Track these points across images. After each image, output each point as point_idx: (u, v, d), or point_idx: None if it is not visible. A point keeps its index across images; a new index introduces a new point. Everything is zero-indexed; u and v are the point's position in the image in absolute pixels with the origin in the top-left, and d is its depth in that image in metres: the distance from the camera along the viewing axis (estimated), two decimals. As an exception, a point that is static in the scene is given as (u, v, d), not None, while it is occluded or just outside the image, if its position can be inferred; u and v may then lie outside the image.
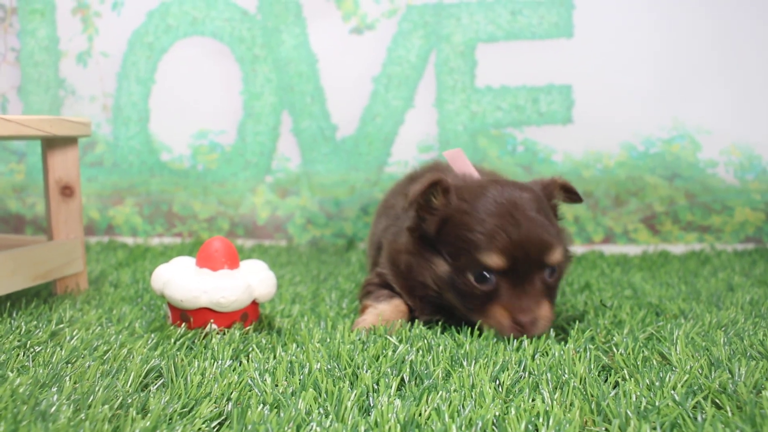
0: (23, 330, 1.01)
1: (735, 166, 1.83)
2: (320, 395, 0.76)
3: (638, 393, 0.76)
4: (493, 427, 0.69)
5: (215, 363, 0.87)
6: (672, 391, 0.75)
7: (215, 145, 1.96)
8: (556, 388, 0.78)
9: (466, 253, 0.99)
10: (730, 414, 0.71)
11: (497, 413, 0.71)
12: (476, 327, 1.00)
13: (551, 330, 1.01)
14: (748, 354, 0.89)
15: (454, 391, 0.77)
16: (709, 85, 1.81)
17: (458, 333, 1.01)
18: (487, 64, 1.85)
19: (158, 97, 1.96)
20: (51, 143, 1.27)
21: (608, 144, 1.85)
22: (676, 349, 0.90)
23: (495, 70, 1.85)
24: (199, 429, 0.70)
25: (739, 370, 0.81)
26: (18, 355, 0.90)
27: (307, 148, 1.93)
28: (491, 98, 1.85)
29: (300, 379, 0.81)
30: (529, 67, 1.84)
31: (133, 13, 1.95)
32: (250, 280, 1.04)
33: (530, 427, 0.68)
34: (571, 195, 1.09)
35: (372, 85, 1.88)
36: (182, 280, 1.03)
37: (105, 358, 0.90)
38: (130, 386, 0.80)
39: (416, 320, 1.07)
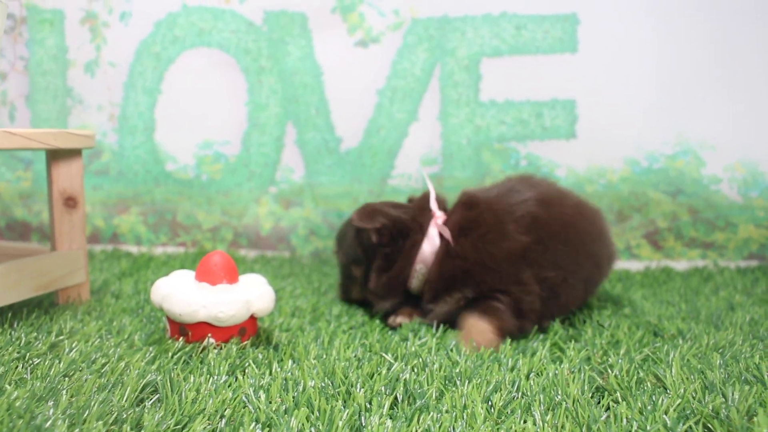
0: (23, 341, 1.02)
1: (739, 183, 1.83)
2: (313, 413, 0.77)
3: (629, 416, 0.76)
4: (483, 449, 0.69)
5: (211, 378, 0.88)
6: (664, 416, 0.76)
7: (220, 155, 1.97)
8: (548, 410, 0.79)
9: None
10: (720, 440, 0.71)
11: (488, 435, 0.71)
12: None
13: (547, 349, 1.01)
14: (743, 378, 0.89)
15: (446, 411, 0.77)
16: (713, 101, 1.81)
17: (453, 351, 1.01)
18: (491, 78, 1.86)
19: (164, 107, 1.98)
20: (55, 155, 1.28)
21: (612, 159, 1.85)
22: (671, 372, 0.90)
23: (499, 85, 1.86)
24: (191, 447, 0.71)
25: (732, 394, 0.81)
26: (17, 367, 0.91)
27: (311, 160, 1.93)
28: (495, 112, 1.86)
29: (294, 397, 0.81)
30: (533, 81, 1.85)
31: (141, 24, 1.96)
32: (249, 295, 1.05)
33: (520, 450, 0.69)
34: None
35: (376, 98, 1.89)
36: (181, 294, 1.03)
37: (102, 371, 0.91)
38: (125, 401, 0.80)
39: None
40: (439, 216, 1.25)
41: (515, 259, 1.17)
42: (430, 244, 1.22)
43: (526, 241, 1.18)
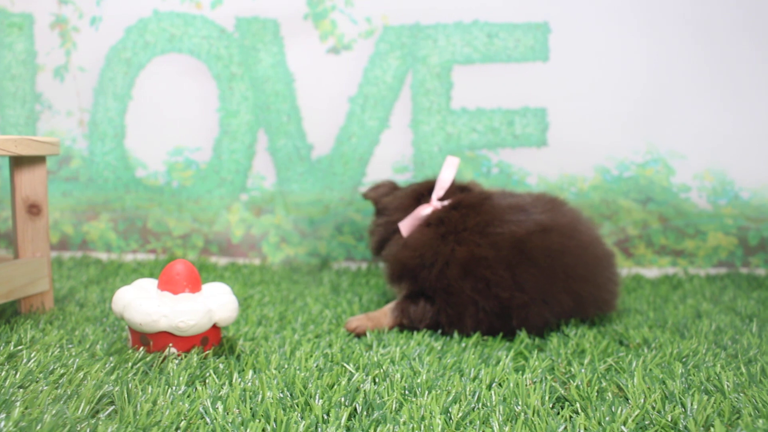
0: (-20, 352, 1.00)
1: (708, 191, 1.84)
2: (269, 424, 0.76)
3: (588, 427, 0.76)
4: (439, 461, 0.69)
5: (169, 390, 0.87)
6: (622, 426, 0.75)
7: (191, 162, 1.95)
8: (507, 421, 0.78)
9: None
10: (676, 451, 0.71)
11: (444, 447, 0.71)
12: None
13: (511, 358, 1.00)
14: (703, 387, 0.89)
15: (404, 423, 0.76)
16: (683, 111, 1.82)
17: (415, 360, 1.01)
18: (462, 86, 1.86)
19: (135, 113, 1.96)
20: (18, 162, 1.26)
21: (582, 167, 1.86)
22: (633, 381, 0.90)
23: (471, 92, 1.86)
24: (144, 460, 0.70)
25: (691, 404, 0.81)
26: (-28, 378, 0.89)
27: (282, 167, 1.93)
28: (466, 120, 1.86)
29: (251, 408, 0.80)
30: (504, 89, 1.85)
31: (112, 29, 1.94)
32: (211, 305, 1.04)
33: (475, 462, 0.68)
34: None
35: (348, 105, 1.89)
36: (142, 303, 1.02)
37: (60, 382, 0.89)
38: (80, 413, 0.79)
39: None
40: (428, 205, 1.31)
41: (458, 264, 1.17)
42: (404, 228, 1.30)
43: (481, 252, 1.17)
